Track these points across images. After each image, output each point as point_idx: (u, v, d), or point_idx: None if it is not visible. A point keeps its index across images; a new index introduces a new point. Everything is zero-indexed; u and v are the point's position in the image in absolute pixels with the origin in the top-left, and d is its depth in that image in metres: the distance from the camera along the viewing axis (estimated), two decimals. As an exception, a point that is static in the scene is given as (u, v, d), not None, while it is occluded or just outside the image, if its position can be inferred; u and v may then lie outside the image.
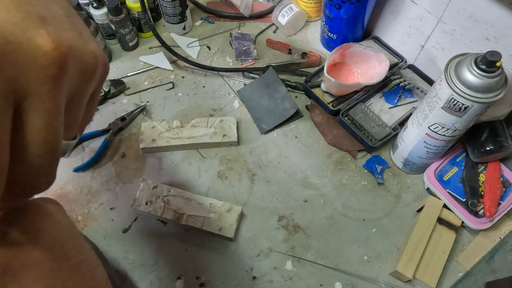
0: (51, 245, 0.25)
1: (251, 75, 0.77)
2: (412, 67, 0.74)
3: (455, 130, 0.52)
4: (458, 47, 0.62)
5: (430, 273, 0.54)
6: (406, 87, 0.71)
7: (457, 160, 0.62)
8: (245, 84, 0.76)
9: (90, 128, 0.70)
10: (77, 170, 0.65)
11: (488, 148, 0.57)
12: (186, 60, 0.75)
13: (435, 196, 0.60)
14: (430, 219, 0.57)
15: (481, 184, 0.58)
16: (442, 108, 0.50)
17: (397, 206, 0.63)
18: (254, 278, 0.56)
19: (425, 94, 0.64)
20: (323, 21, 0.78)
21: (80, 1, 0.74)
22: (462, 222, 0.57)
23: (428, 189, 0.62)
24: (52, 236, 0.25)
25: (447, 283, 0.56)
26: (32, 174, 0.22)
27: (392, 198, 0.63)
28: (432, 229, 0.56)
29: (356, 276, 0.56)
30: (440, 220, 0.58)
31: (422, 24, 0.66)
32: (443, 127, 0.52)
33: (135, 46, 0.82)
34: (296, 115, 0.71)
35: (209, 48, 0.83)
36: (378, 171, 0.65)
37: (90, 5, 0.74)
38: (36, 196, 0.26)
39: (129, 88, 0.76)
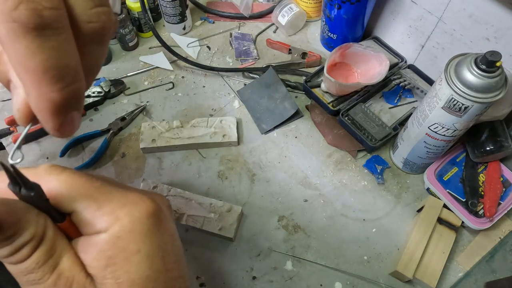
0: (153, 253, 0.24)
1: (251, 75, 0.77)
2: (412, 67, 0.74)
3: (455, 130, 0.52)
4: (458, 47, 0.62)
5: (430, 273, 0.54)
6: (406, 87, 0.71)
7: (457, 160, 0.62)
8: (245, 84, 0.76)
9: (90, 128, 0.70)
10: (77, 170, 0.65)
11: (488, 148, 0.57)
12: (186, 60, 0.75)
13: (435, 196, 0.60)
14: (430, 219, 0.57)
15: (481, 184, 0.58)
16: (442, 108, 0.50)
17: (397, 206, 0.63)
18: (254, 278, 0.56)
19: (425, 94, 0.64)
20: (323, 21, 0.78)
21: (80, 1, 0.74)
22: (462, 222, 0.57)
23: (428, 189, 0.62)
24: (158, 244, 0.25)
25: (447, 283, 0.56)
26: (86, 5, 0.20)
27: (392, 198, 0.63)
28: (432, 229, 0.56)
29: (356, 276, 0.56)
30: (440, 220, 0.58)
31: (422, 24, 0.66)
32: (443, 127, 0.52)
33: (135, 46, 0.82)
34: (296, 115, 0.71)
35: (209, 48, 0.83)
36: (378, 171, 0.65)
37: (90, 5, 0.74)
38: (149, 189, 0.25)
39: (129, 88, 0.76)
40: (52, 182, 0.23)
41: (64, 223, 0.24)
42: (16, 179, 0.21)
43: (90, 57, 0.21)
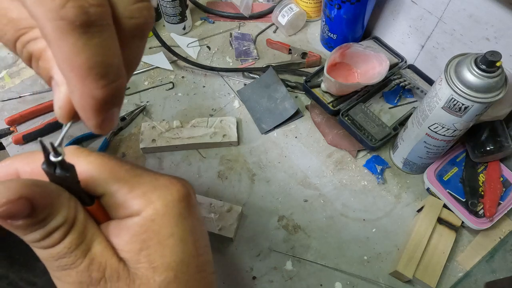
0: (186, 237, 0.24)
1: (251, 75, 0.77)
2: (412, 67, 0.74)
3: (455, 130, 0.52)
4: (458, 47, 0.62)
5: (430, 273, 0.54)
6: (406, 87, 0.71)
7: (457, 160, 0.62)
8: (245, 84, 0.76)
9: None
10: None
11: (488, 148, 0.57)
12: (186, 60, 0.75)
13: (435, 196, 0.60)
14: (430, 219, 0.57)
15: (481, 184, 0.58)
16: (442, 108, 0.50)
17: (397, 206, 0.63)
18: (254, 278, 0.56)
19: (425, 94, 0.64)
20: (323, 21, 0.78)
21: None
22: (462, 222, 0.57)
23: (428, 189, 0.62)
24: (190, 228, 0.24)
25: (447, 283, 0.56)
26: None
27: (392, 198, 0.63)
28: (432, 229, 0.56)
29: (356, 276, 0.56)
30: (440, 220, 0.58)
31: (422, 24, 0.66)
32: (443, 127, 0.52)
33: (135, 46, 0.82)
34: (296, 115, 0.71)
35: (209, 48, 0.83)
36: (378, 171, 0.65)
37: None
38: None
39: (129, 88, 0.76)
40: (80, 164, 0.23)
41: (93, 206, 0.23)
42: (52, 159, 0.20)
43: (131, 52, 0.21)
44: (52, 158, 0.20)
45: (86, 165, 0.23)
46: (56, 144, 0.20)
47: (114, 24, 0.19)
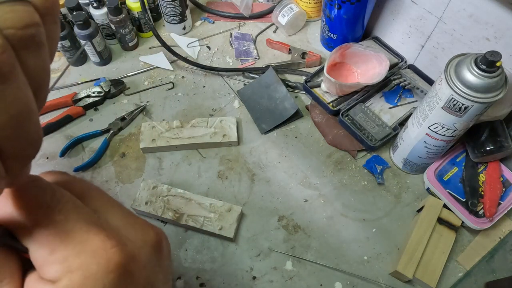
0: None
1: (251, 75, 0.77)
2: (412, 67, 0.74)
3: (455, 130, 0.52)
4: (458, 47, 0.62)
5: (430, 273, 0.54)
6: (406, 87, 0.71)
7: (457, 160, 0.62)
8: (245, 84, 0.76)
9: (90, 128, 0.70)
10: (77, 170, 0.65)
11: (488, 148, 0.57)
12: (186, 60, 0.75)
13: (435, 196, 0.60)
14: (430, 219, 0.57)
15: (481, 184, 0.58)
16: (442, 108, 0.50)
17: (397, 206, 0.63)
18: (254, 278, 0.56)
19: (425, 94, 0.64)
20: (323, 21, 0.78)
21: (80, 1, 0.74)
22: (462, 222, 0.57)
23: (428, 189, 0.62)
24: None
25: (447, 283, 0.56)
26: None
27: (392, 198, 0.63)
28: (432, 229, 0.56)
29: (356, 276, 0.56)
30: (440, 220, 0.58)
31: (422, 24, 0.66)
32: (443, 127, 0.52)
33: (135, 46, 0.82)
34: (296, 115, 0.71)
35: (209, 48, 0.83)
36: (378, 171, 0.65)
37: (90, 5, 0.74)
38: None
39: (129, 88, 0.76)
40: (5, 209, 0.19)
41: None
42: None
43: None
44: None
45: (6, 213, 0.19)
46: None
47: None
